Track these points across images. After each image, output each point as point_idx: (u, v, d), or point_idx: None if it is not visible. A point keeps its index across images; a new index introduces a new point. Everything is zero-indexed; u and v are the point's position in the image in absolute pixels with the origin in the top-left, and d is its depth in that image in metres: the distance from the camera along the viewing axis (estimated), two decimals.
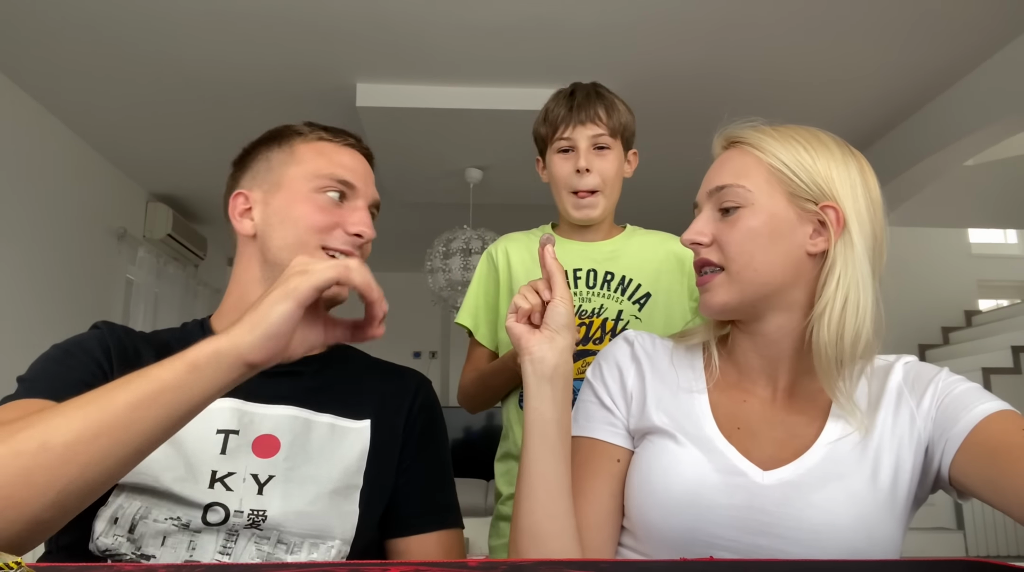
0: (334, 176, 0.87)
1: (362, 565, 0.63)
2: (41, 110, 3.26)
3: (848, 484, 0.72)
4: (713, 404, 0.81)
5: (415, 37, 2.72)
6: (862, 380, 0.79)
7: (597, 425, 0.83)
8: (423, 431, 0.91)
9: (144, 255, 4.25)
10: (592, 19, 2.60)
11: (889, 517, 0.72)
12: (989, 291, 6.61)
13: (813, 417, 0.78)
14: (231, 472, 0.77)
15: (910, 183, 3.55)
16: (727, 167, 0.81)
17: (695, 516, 0.73)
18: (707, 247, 0.80)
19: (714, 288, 0.79)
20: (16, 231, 3.13)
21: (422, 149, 3.57)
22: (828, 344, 0.74)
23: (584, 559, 0.78)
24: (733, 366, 0.84)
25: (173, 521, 0.74)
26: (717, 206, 0.80)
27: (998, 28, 2.66)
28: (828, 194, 0.77)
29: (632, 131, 1.31)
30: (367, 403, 0.88)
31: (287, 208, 0.86)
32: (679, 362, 0.85)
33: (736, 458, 0.75)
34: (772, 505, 0.72)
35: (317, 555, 0.78)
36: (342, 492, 0.81)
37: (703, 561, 0.66)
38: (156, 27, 2.62)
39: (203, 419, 0.78)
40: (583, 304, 1.28)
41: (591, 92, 1.28)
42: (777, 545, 0.71)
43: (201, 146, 3.70)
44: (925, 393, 0.77)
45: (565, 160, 1.26)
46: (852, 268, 0.76)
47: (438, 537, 0.88)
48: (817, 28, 2.66)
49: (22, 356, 3.69)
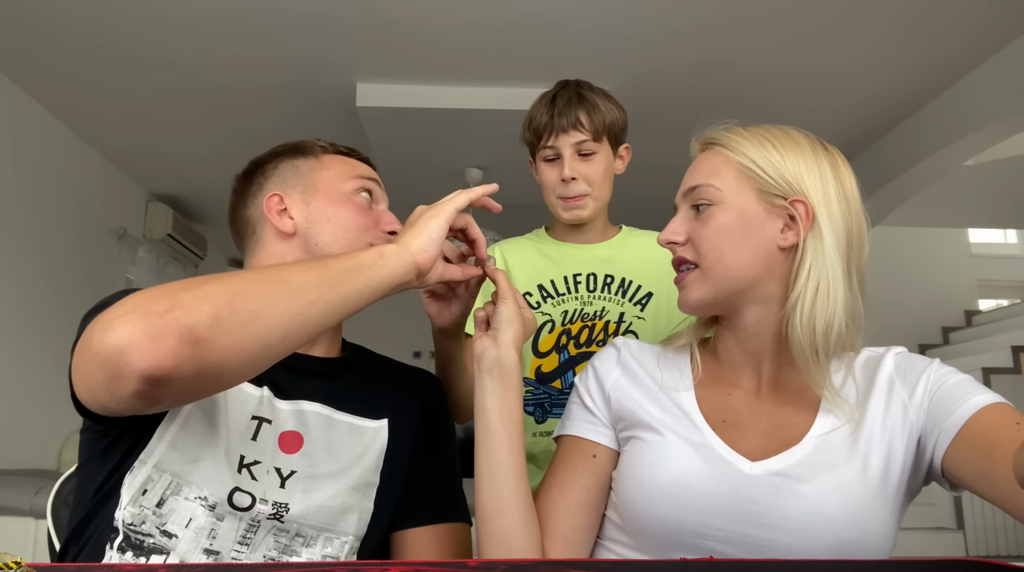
0: (367, 175, 0.96)
1: (362, 565, 0.63)
2: (41, 110, 3.26)
3: (838, 475, 0.73)
4: (699, 399, 0.83)
5: (415, 37, 2.73)
6: (850, 373, 0.80)
7: (576, 423, 0.87)
8: (432, 428, 0.94)
9: (144, 255, 4.26)
10: (592, 19, 2.60)
11: (880, 508, 0.73)
12: (989, 291, 6.61)
13: (801, 409, 0.79)
14: (257, 460, 0.79)
15: (910, 183, 3.55)
16: (700, 168, 0.85)
17: (684, 505, 0.74)
18: (682, 246, 0.83)
19: (689, 285, 0.82)
20: (16, 231, 3.14)
21: (422, 149, 3.57)
22: (803, 335, 0.76)
23: (584, 559, 0.79)
24: (718, 362, 0.87)
25: (201, 501, 0.75)
26: (691, 205, 0.84)
27: (998, 28, 2.66)
28: (797, 189, 0.79)
29: (621, 127, 1.29)
30: (384, 403, 0.91)
31: (329, 208, 0.92)
32: (666, 364, 0.88)
33: (722, 448, 0.77)
34: (760, 495, 0.73)
35: (331, 549, 0.80)
36: (360, 489, 0.84)
37: (703, 561, 0.66)
38: (156, 27, 2.62)
39: (240, 403, 0.81)
40: (585, 307, 1.27)
41: (572, 97, 1.25)
42: (766, 535, 0.71)
43: (201, 146, 3.71)
44: (918, 384, 0.77)
45: (551, 167, 1.26)
46: (822, 260, 0.77)
47: (446, 530, 0.89)
48: (817, 28, 2.66)
49: (22, 356, 3.70)
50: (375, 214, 0.94)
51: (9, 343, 3.09)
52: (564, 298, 1.29)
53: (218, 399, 0.79)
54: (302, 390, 0.86)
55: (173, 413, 0.77)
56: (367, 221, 0.92)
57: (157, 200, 4.39)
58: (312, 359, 0.90)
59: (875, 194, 3.64)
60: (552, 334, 1.28)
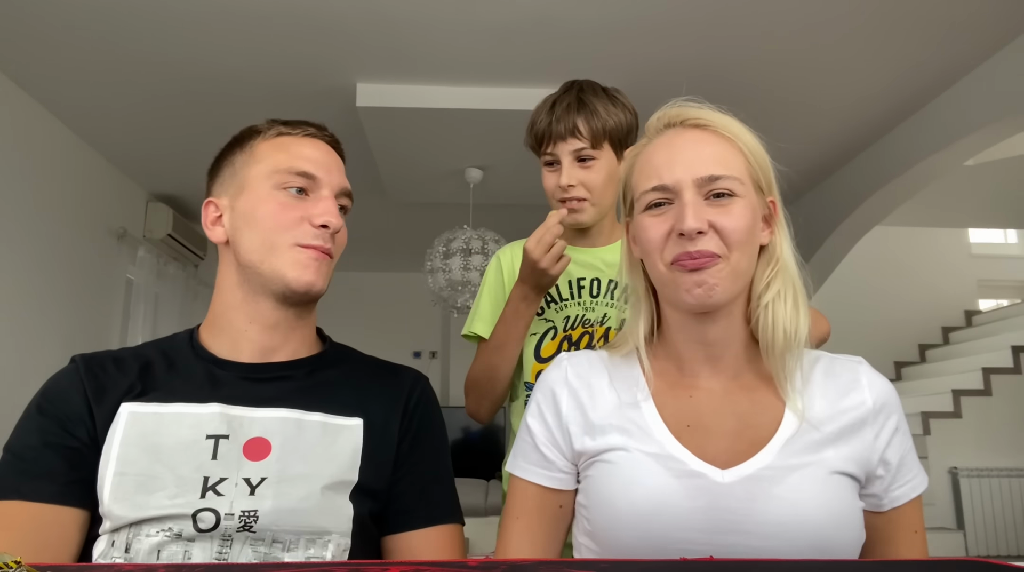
0: (293, 170, 0.87)
1: (362, 565, 0.63)
2: (41, 110, 3.26)
3: (809, 473, 0.73)
4: (659, 406, 0.80)
5: (415, 37, 2.73)
6: (816, 370, 0.81)
7: (536, 472, 0.82)
8: (420, 426, 0.91)
9: (144, 255, 4.25)
10: (592, 19, 2.60)
11: (850, 502, 0.74)
12: (989, 291, 6.61)
13: (766, 406, 0.79)
14: (223, 477, 0.78)
15: (910, 183, 3.54)
16: (707, 153, 0.78)
17: (663, 524, 0.73)
18: (706, 236, 0.76)
19: (722, 281, 0.76)
20: (16, 231, 3.13)
21: (422, 149, 3.57)
22: (775, 331, 0.77)
23: (584, 559, 0.79)
24: (673, 363, 0.83)
25: (165, 532, 0.75)
26: (706, 193, 0.77)
27: (998, 28, 2.66)
28: (771, 186, 0.81)
29: (627, 129, 1.26)
30: (361, 401, 0.88)
31: (252, 210, 0.86)
32: (617, 375, 0.84)
33: (691, 461, 0.75)
34: (736, 502, 0.72)
35: (314, 551, 0.78)
36: (334, 488, 0.81)
37: (703, 561, 0.66)
38: (156, 27, 2.62)
39: (192, 425, 0.80)
40: (587, 313, 1.26)
41: (572, 102, 1.23)
42: (747, 542, 0.71)
43: (201, 146, 3.70)
44: (887, 424, 0.79)
45: (551, 173, 1.26)
46: (786, 256, 0.80)
47: (438, 532, 0.87)
48: (817, 28, 2.66)
49: (22, 356, 3.69)
50: (305, 206, 0.86)
51: (8, 343, 3.09)
52: (567, 303, 1.28)
53: (158, 434, 0.79)
54: (265, 396, 0.84)
55: (103, 469, 0.77)
56: (290, 218, 0.85)
57: (157, 200, 4.39)
58: (274, 365, 0.88)
59: (875, 194, 3.64)
60: (554, 341, 1.27)
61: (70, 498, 0.77)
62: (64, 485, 0.77)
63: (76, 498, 0.77)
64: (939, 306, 6.16)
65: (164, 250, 4.48)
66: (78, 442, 0.79)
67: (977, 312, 6.21)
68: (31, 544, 0.73)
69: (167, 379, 0.85)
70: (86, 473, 0.78)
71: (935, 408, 4.48)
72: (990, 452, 4.36)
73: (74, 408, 0.81)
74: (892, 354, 5.88)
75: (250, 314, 0.88)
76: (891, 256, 5.97)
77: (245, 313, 0.88)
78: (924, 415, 4.41)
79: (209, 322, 0.91)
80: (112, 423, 0.80)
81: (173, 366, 0.87)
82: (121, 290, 4.13)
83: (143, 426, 0.80)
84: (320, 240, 0.86)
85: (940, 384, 4.79)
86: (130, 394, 0.82)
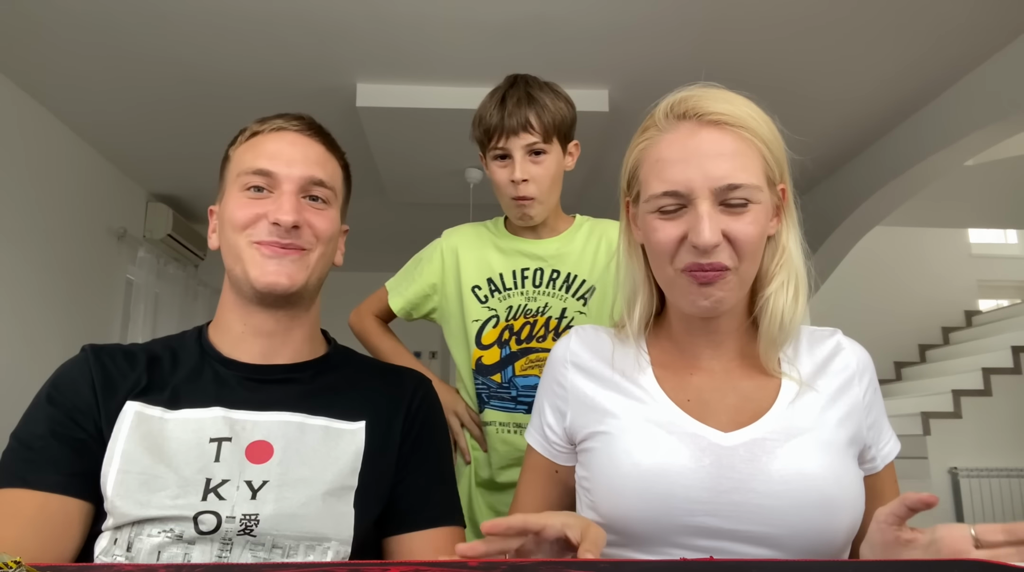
0: (250, 169, 0.85)
1: (362, 565, 0.63)
2: (42, 110, 3.26)
3: (813, 436, 0.75)
4: (659, 378, 0.82)
5: (415, 37, 2.73)
6: (801, 342, 0.83)
7: (539, 441, 0.89)
8: (422, 430, 0.92)
9: (144, 255, 4.25)
10: (592, 19, 2.60)
11: (852, 463, 0.76)
12: (989, 291, 6.61)
13: (765, 383, 0.80)
14: (225, 480, 0.78)
15: (910, 183, 3.54)
16: (726, 157, 0.73)
17: (670, 483, 0.73)
18: (719, 247, 0.73)
19: (730, 293, 0.75)
20: (16, 231, 3.13)
21: (422, 149, 3.57)
22: (772, 321, 0.78)
23: (584, 559, 0.79)
24: (674, 345, 0.84)
25: (167, 533, 0.75)
26: (720, 202, 0.73)
27: (998, 28, 2.66)
28: (783, 175, 0.79)
29: (570, 123, 1.29)
30: (363, 405, 0.89)
31: (224, 214, 0.88)
32: (620, 351, 0.85)
33: (694, 425, 0.76)
34: (740, 462, 0.73)
35: (314, 557, 0.78)
36: (336, 493, 0.81)
37: (703, 561, 0.66)
38: (156, 28, 2.62)
39: (195, 429, 0.80)
40: (529, 303, 1.29)
41: (522, 97, 1.25)
42: (753, 500, 0.72)
43: (201, 146, 3.70)
44: (870, 383, 0.82)
45: (502, 167, 1.26)
46: (793, 243, 0.79)
47: (439, 534, 0.88)
48: (817, 28, 2.66)
49: (23, 356, 3.69)
50: (265, 204, 0.85)
51: (8, 343, 3.09)
52: (510, 293, 1.30)
53: (162, 436, 0.80)
54: (269, 399, 0.84)
55: (107, 465, 0.78)
56: (246, 217, 0.84)
57: (157, 200, 4.39)
58: (278, 367, 0.88)
59: (875, 194, 3.64)
60: (496, 329, 1.29)
61: (75, 489, 0.77)
62: (70, 476, 0.77)
63: (81, 490, 0.77)
64: (939, 306, 6.16)
65: (164, 250, 4.49)
66: (85, 434, 0.80)
67: (977, 312, 6.21)
68: (35, 533, 0.74)
69: (173, 377, 0.86)
70: (91, 466, 0.78)
71: (935, 408, 4.47)
72: (990, 452, 4.36)
73: (83, 400, 0.81)
74: (892, 354, 5.88)
75: (243, 318, 0.89)
76: (891, 256, 5.97)
77: (239, 317, 0.89)
78: (924, 415, 4.41)
79: (215, 321, 0.93)
80: (118, 420, 0.80)
81: (180, 364, 0.88)
82: (121, 290, 4.13)
83: (148, 427, 0.80)
84: (275, 236, 0.84)
85: (940, 384, 4.79)
86: (136, 390, 0.83)
